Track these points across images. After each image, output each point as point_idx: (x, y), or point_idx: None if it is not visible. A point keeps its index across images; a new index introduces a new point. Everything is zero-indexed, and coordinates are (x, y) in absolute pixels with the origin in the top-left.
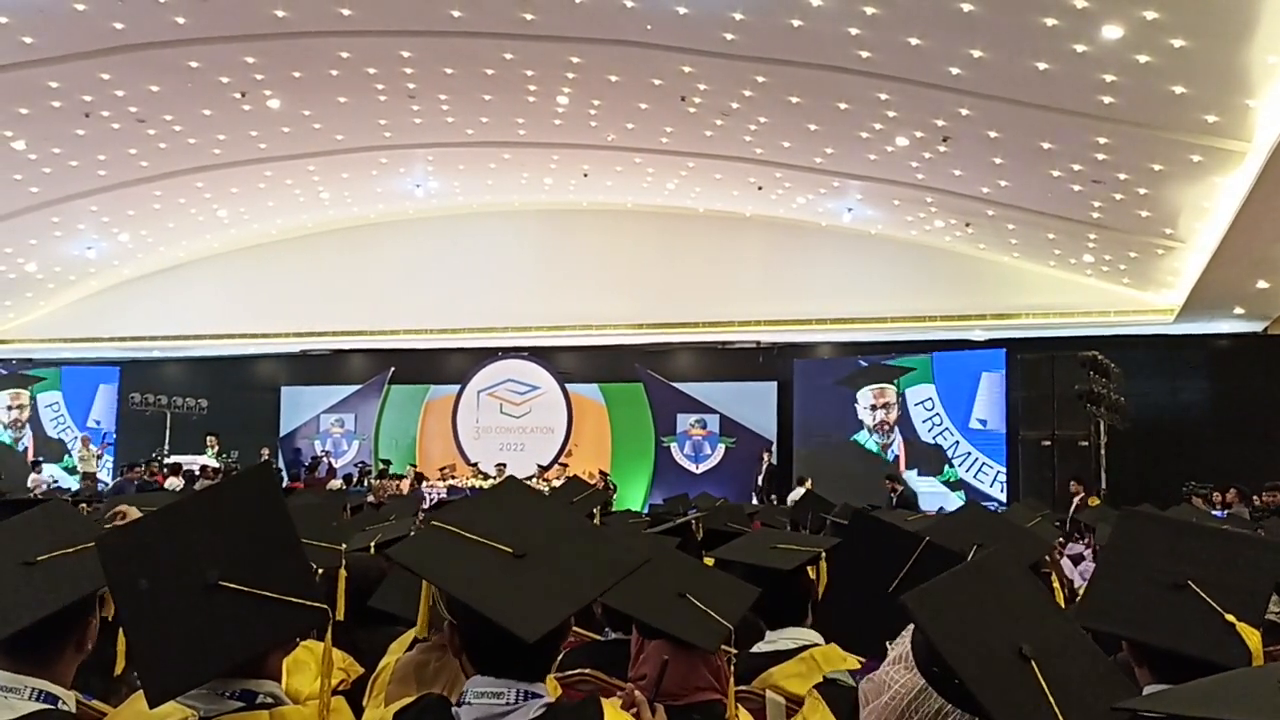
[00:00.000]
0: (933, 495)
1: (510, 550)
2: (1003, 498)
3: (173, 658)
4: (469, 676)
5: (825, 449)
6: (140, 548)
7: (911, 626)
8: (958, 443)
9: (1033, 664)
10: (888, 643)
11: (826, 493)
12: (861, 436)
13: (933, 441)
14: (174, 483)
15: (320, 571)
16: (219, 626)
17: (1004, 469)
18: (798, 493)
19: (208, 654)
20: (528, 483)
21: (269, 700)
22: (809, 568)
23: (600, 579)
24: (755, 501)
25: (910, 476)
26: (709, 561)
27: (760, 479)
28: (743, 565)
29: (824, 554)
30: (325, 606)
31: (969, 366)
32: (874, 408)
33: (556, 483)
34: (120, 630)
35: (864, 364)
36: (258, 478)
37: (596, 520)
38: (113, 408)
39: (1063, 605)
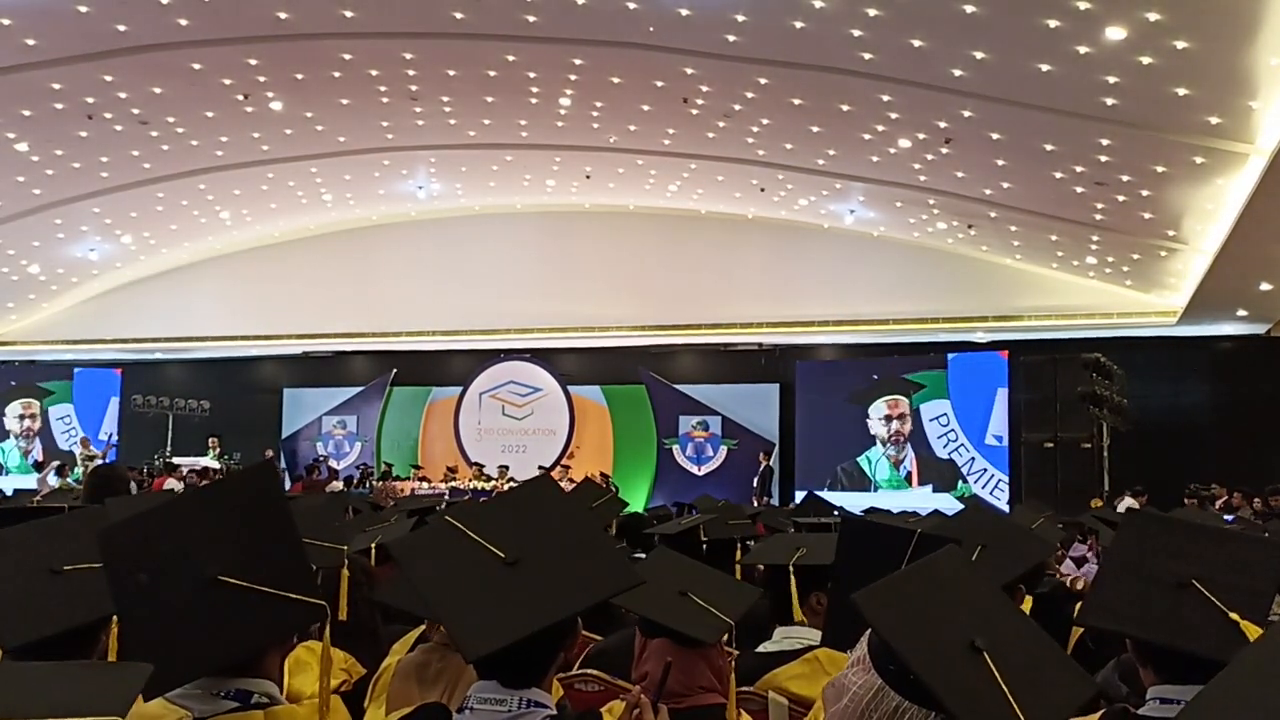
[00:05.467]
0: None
1: (502, 556)
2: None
3: (169, 652)
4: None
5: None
6: (140, 541)
7: (869, 631)
8: (973, 459)
9: (985, 656)
10: None
11: None
12: (874, 452)
13: (946, 457)
14: (172, 484)
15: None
16: (216, 622)
17: (1007, 478)
18: (1128, 503)
19: (205, 649)
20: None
21: (264, 700)
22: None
23: (577, 599)
24: (755, 504)
25: (924, 492)
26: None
27: (755, 481)
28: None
29: (791, 568)
30: (324, 603)
31: (984, 381)
32: (888, 419)
33: (564, 485)
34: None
35: (876, 377)
36: (260, 475)
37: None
38: (116, 410)
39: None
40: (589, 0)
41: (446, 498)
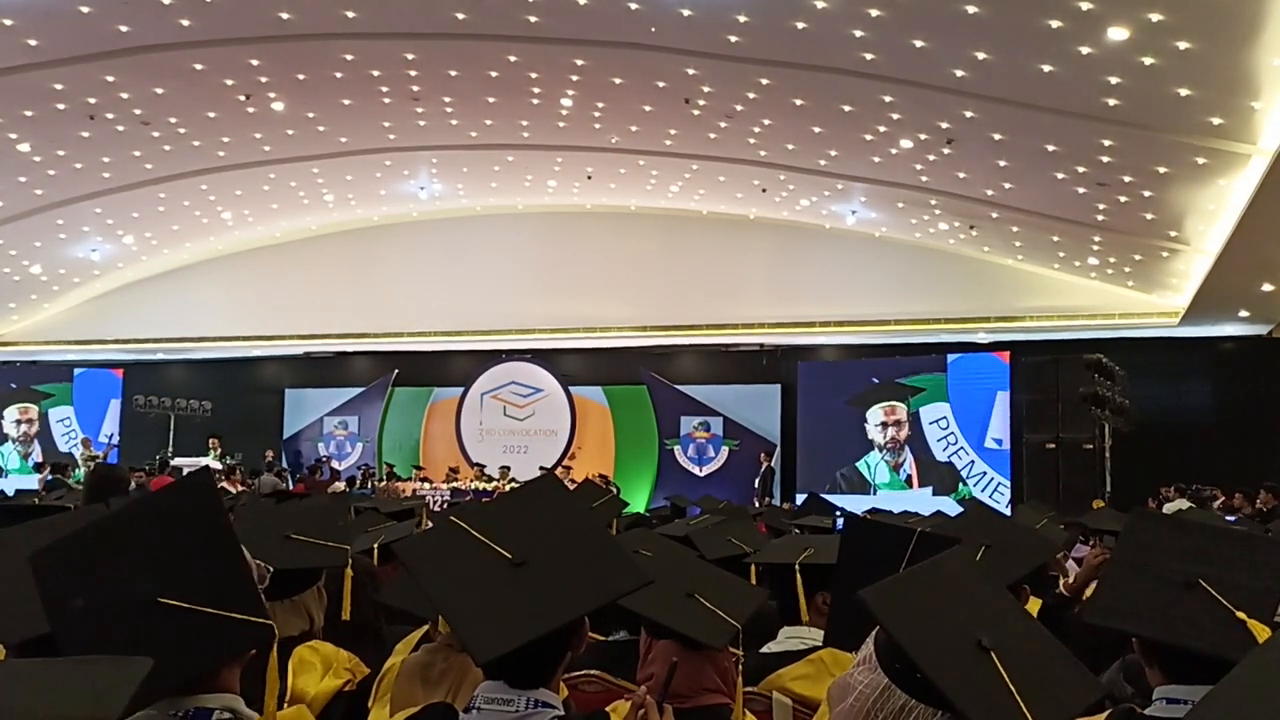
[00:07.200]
0: None
1: (509, 557)
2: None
3: None
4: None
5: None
6: (76, 562)
7: (875, 630)
8: (973, 462)
9: (992, 655)
10: None
11: None
12: (872, 457)
13: (946, 460)
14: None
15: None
16: (159, 647)
17: (1007, 481)
18: (1179, 504)
19: (149, 677)
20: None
21: (226, 715)
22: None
23: (586, 600)
24: (757, 505)
25: (924, 495)
26: None
27: (757, 482)
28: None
29: (797, 568)
30: (271, 623)
31: (984, 385)
32: (884, 425)
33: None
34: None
35: (875, 380)
36: (197, 487)
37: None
38: (118, 411)
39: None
40: (590, 1)
41: (448, 499)
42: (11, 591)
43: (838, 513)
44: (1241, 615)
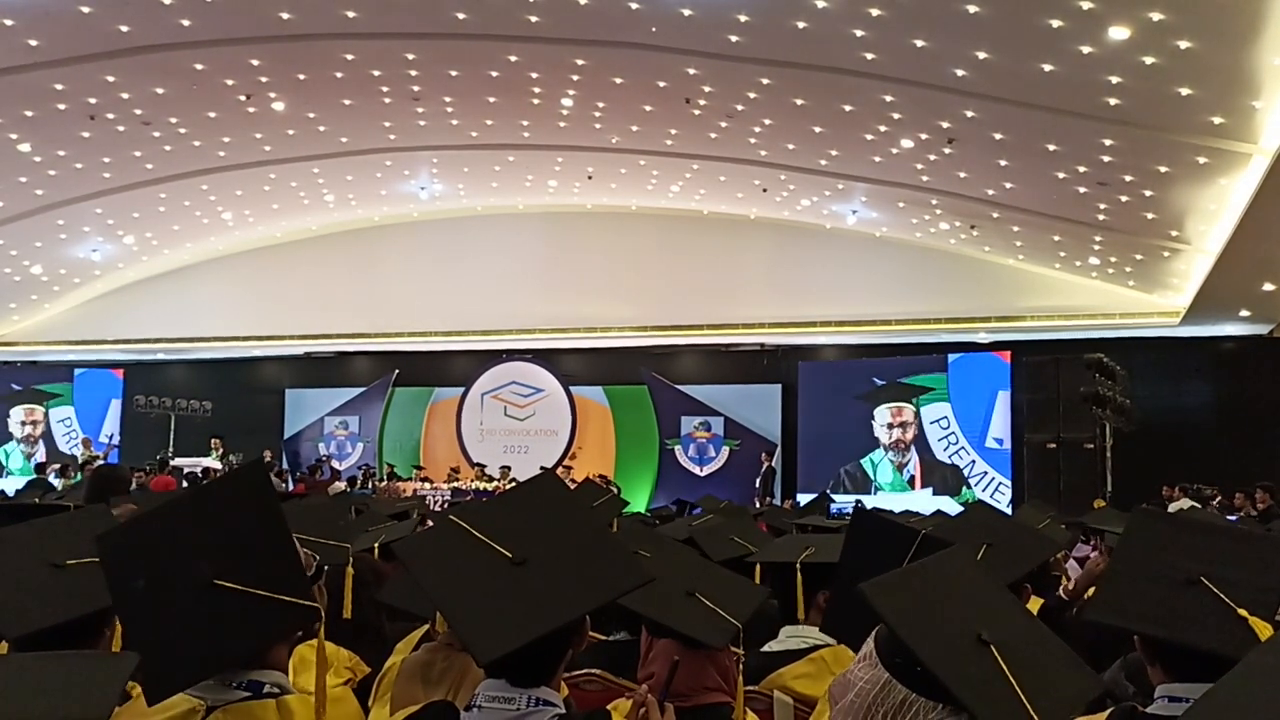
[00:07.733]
0: None
1: (509, 556)
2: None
3: (170, 658)
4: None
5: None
6: (137, 546)
7: (877, 627)
8: (974, 462)
9: (992, 648)
10: None
11: None
12: (876, 455)
13: (949, 461)
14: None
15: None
16: (215, 626)
17: (1008, 480)
18: (1183, 504)
19: (204, 654)
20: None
21: (275, 690)
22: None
23: (586, 599)
24: (758, 505)
25: (925, 496)
26: None
27: (757, 481)
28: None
29: (798, 566)
30: (319, 606)
31: (985, 384)
32: (891, 426)
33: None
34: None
35: (876, 380)
36: (251, 475)
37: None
38: (118, 411)
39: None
40: (591, 1)
41: (449, 499)
42: (12, 588)
43: (848, 512)
44: (1243, 613)
